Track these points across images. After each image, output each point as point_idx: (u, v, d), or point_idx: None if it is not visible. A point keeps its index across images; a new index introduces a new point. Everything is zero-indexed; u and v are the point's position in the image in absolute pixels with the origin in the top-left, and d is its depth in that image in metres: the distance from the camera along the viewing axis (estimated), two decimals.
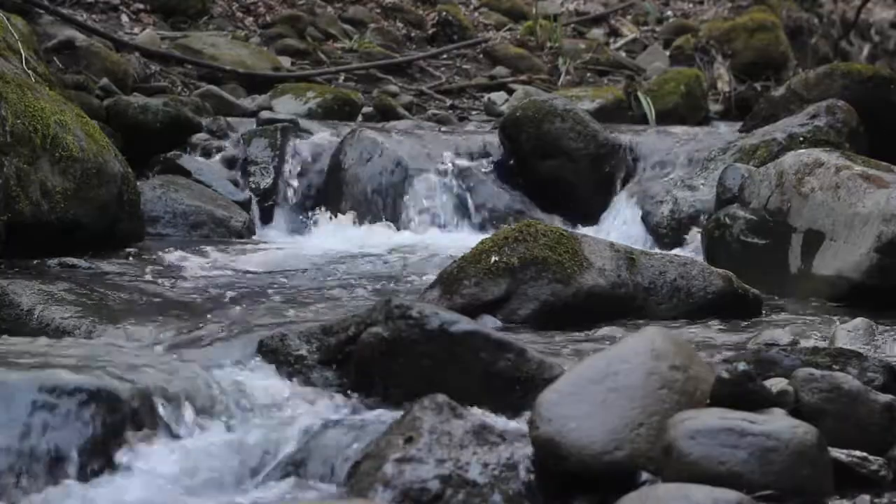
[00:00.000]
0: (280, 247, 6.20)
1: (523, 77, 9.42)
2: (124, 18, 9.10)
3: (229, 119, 7.41)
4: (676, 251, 5.76)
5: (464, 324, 3.47)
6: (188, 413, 3.32)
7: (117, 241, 5.74)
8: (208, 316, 4.49)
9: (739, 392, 3.06)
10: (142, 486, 3.08)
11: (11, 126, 5.35)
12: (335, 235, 6.67)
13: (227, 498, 3.06)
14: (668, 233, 6.35)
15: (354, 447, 3.14)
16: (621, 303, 4.56)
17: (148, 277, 5.13)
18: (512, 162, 7.03)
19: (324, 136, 7.21)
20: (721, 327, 4.48)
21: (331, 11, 10.02)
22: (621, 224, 6.61)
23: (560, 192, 6.90)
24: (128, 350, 3.74)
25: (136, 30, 8.93)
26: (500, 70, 9.59)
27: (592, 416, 2.98)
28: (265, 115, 7.54)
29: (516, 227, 4.63)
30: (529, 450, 3.01)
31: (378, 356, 3.49)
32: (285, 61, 9.06)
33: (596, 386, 3.03)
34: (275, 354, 3.68)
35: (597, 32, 10.83)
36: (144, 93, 7.76)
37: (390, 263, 5.76)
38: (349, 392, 3.52)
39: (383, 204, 6.82)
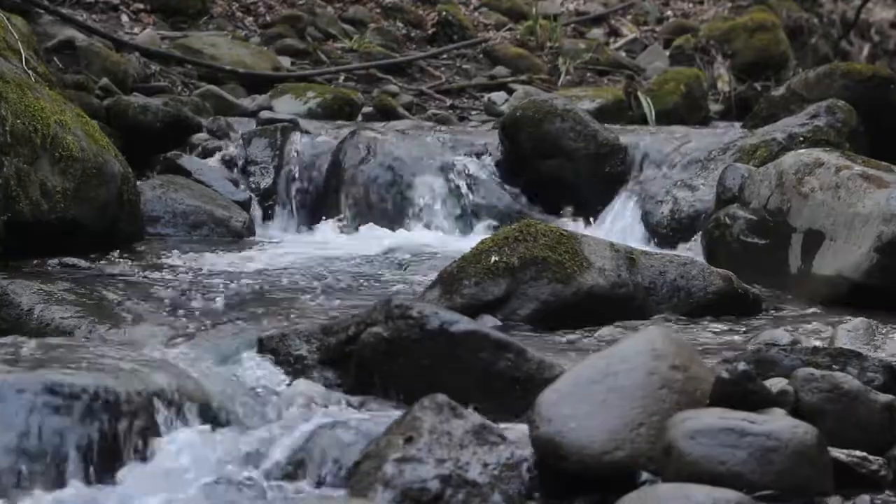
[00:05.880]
0: (280, 246, 6.20)
1: (523, 77, 9.42)
2: (124, 18, 9.10)
3: (229, 119, 7.41)
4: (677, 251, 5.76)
5: (464, 324, 3.47)
6: (188, 413, 3.32)
7: (117, 241, 5.73)
8: (208, 316, 4.49)
9: (739, 392, 3.06)
10: (141, 486, 3.08)
11: (11, 126, 5.35)
12: (335, 235, 6.67)
13: (226, 498, 3.06)
14: (668, 233, 6.35)
15: (354, 447, 3.14)
16: (621, 303, 4.56)
17: (148, 277, 5.13)
18: (512, 162, 7.03)
19: (324, 135, 7.22)
20: (721, 327, 4.48)
21: (331, 11, 10.03)
22: (621, 224, 6.61)
23: (560, 192, 6.90)
24: (128, 350, 3.74)
25: (136, 30, 8.93)
26: (500, 70, 9.59)
27: (592, 416, 2.97)
28: (265, 115, 7.54)
29: (516, 227, 4.63)
30: (529, 450, 3.01)
31: (378, 356, 3.49)
32: (285, 61, 9.06)
33: (596, 386, 3.03)
34: (275, 354, 3.68)
35: (597, 32, 10.83)
36: (144, 93, 7.76)
37: (390, 263, 5.76)
38: (349, 392, 3.52)
39: (383, 204, 6.82)
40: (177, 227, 6.30)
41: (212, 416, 3.36)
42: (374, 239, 6.48)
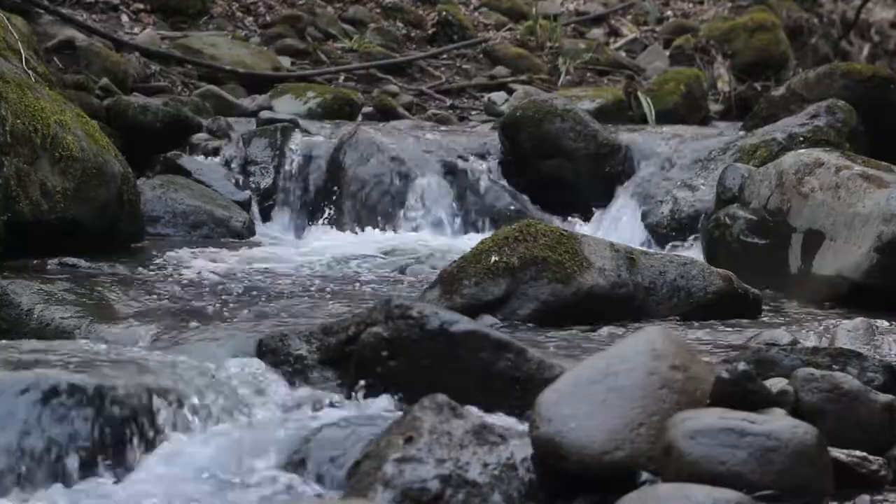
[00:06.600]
0: (280, 246, 6.20)
1: (523, 77, 9.42)
2: (124, 18, 9.10)
3: (229, 119, 7.41)
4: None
5: (464, 324, 3.47)
6: (188, 413, 3.32)
7: (117, 241, 5.73)
8: (208, 316, 4.49)
9: (739, 392, 3.06)
10: (141, 486, 3.08)
11: (11, 126, 5.35)
12: (335, 235, 6.68)
13: (226, 498, 3.06)
14: (668, 233, 6.35)
15: (354, 447, 3.14)
16: (621, 303, 4.56)
17: (148, 277, 5.13)
18: (512, 162, 7.03)
19: (324, 136, 7.22)
20: (721, 327, 4.48)
21: (331, 11, 10.03)
22: (621, 224, 6.61)
23: (560, 191, 6.90)
24: (128, 350, 3.74)
25: (136, 30, 8.93)
26: (500, 70, 9.59)
27: (592, 416, 2.97)
28: (265, 115, 7.54)
29: (516, 227, 4.63)
30: (529, 450, 3.01)
31: (378, 356, 3.49)
32: (285, 61, 9.06)
33: (596, 386, 3.03)
34: (275, 354, 3.68)
35: (597, 32, 10.83)
36: (144, 93, 7.77)
37: (390, 263, 5.76)
38: (349, 392, 3.52)
39: (383, 204, 6.82)
40: (177, 227, 6.30)
41: (211, 416, 3.36)
42: (373, 239, 6.48)
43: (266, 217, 6.87)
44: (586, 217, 6.77)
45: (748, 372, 3.08)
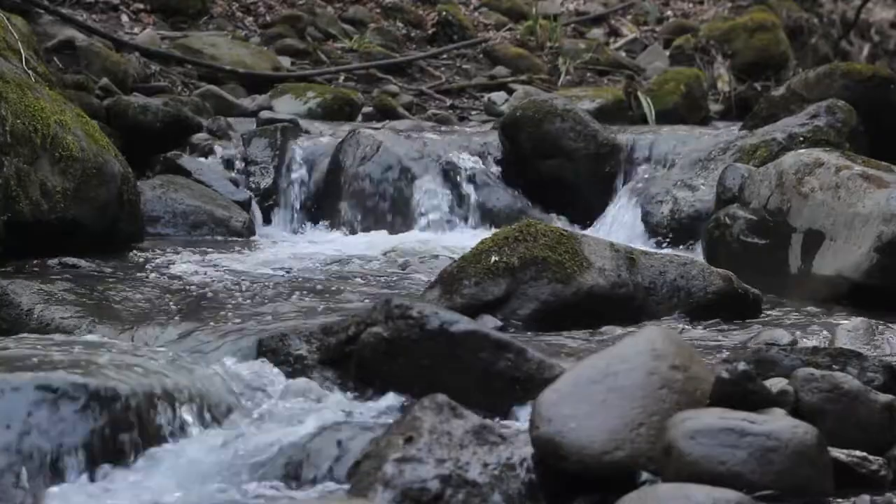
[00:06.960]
0: (280, 246, 6.20)
1: (523, 77, 9.42)
2: (124, 18, 9.11)
3: (229, 119, 7.41)
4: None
5: (464, 324, 3.48)
6: (188, 413, 3.32)
7: (117, 241, 5.74)
8: (208, 316, 4.49)
9: (739, 392, 3.06)
10: (141, 487, 3.08)
11: (11, 126, 5.35)
12: (335, 235, 6.68)
13: (226, 498, 3.06)
14: (668, 233, 6.35)
15: (354, 447, 3.14)
16: (621, 303, 4.56)
17: (148, 277, 5.13)
18: (512, 162, 7.03)
19: (323, 135, 7.22)
20: (721, 327, 4.48)
21: (331, 11, 10.03)
22: (621, 224, 6.61)
23: (560, 191, 6.91)
24: (128, 350, 3.74)
25: (136, 30, 8.94)
26: (500, 70, 9.59)
27: (592, 416, 2.98)
28: (265, 115, 7.55)
29: (516, 227, 4.63)
30: (529, 450, 3.01)
31: (378, 356, 3.49)
32: (285, 61, 9.07)
33: (596, 386, 3.03)
34: (275, 354, 3.68)
35: (597, 32, 10.83)
36: (144, 93, 7.77)
37: (390, 263, 5.76)
38: (349, 392, 3.52)
39: (383, 204, 6.82)
40: (177, 227, 6.30)
41: (211, 416, 3.36)
42: (373, 239, 6.48)
43: (266, 217, 6.88)
44: (586, 217, 6.77)
45: (748, 372, 3.08)
